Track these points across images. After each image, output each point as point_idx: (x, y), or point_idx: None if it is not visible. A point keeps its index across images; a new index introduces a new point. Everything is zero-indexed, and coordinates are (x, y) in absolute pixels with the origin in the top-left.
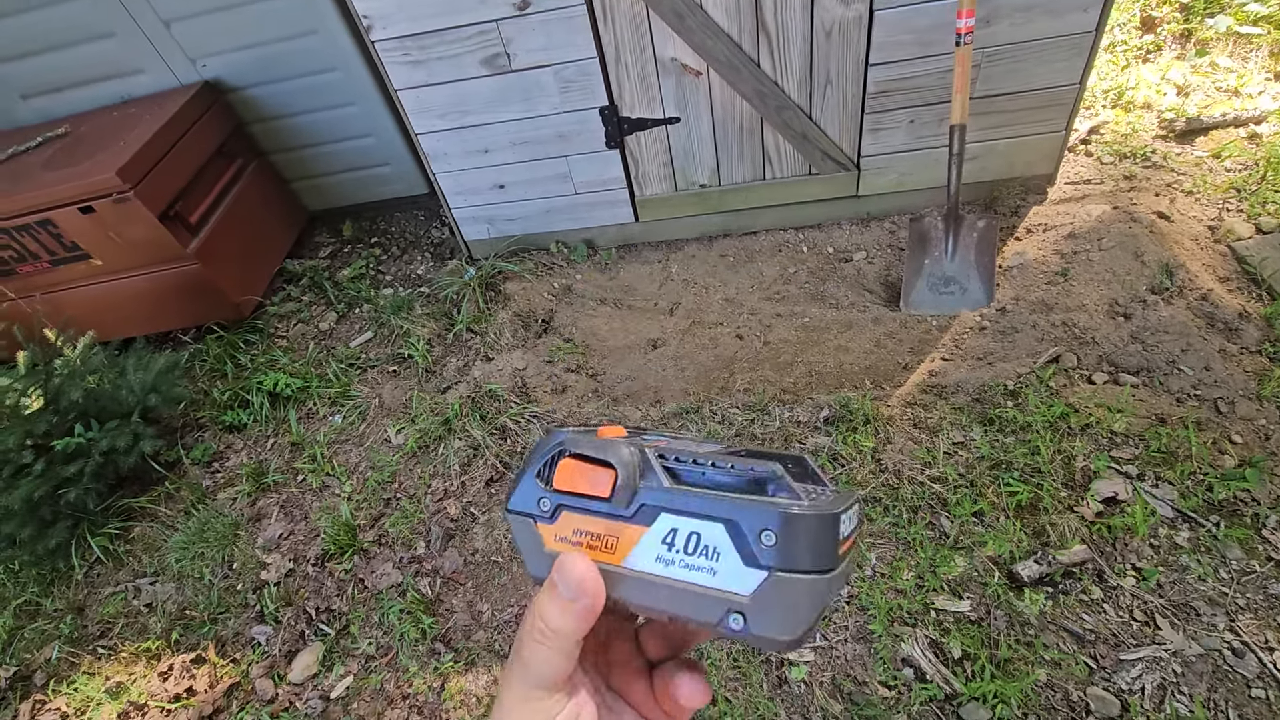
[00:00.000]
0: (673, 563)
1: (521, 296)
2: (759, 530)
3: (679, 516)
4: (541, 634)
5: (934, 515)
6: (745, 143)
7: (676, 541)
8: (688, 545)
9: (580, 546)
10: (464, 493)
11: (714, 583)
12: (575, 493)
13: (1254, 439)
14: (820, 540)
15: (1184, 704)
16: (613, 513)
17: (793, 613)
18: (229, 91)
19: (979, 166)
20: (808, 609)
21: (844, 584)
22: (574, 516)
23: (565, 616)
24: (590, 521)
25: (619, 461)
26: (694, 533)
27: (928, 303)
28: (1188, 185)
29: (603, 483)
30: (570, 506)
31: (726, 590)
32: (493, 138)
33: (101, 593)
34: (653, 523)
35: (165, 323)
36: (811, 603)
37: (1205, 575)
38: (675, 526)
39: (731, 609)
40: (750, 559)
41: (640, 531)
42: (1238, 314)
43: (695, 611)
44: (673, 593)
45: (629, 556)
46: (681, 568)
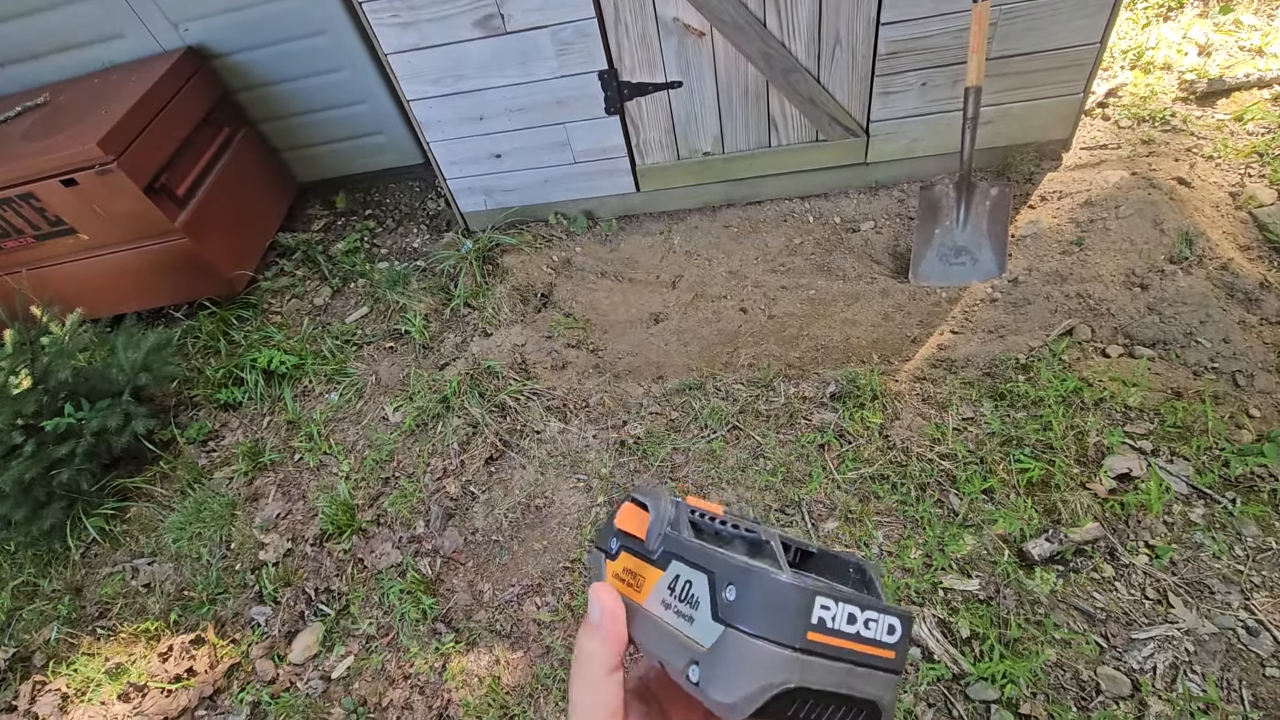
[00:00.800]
0: (670, 606)
1: (520, 270)
2: (726, 584)
3: (683, 564)
4: (575, 663)
5: (943, 493)
6: (750, 108)
7: (677, 586)
8: (682, 591)
9: (624, 584)
10: (463, 471)
11: (689, 630)
12: (626, 532)
13: (1273, 413)
14: (780, 609)
15: (1196, 683)
16: (645, 554)
17: (737, 676)
18: (213, 57)
19: (992, 131)
20: (752, 678)
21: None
22: (627, 556)
23: (591, 640)
24: (633, 561)
25: (654, 507)
26: (688, 580)
27: (937, 274)
28: (1208, 150)
29: (641, 525)
30: (627, 547)
31: (695, 639)
32: (488, 104)
33: (99, 573)
34: (666, 567)
35: (155, 299)
36: (757, 672)
37: (1220, 553)
38: (679, 573)
39: (693, 659)
40: (716, 613)
41: (657, 574)
42: (1258, 283)
43: (671, 656)
44: (661, 635)
45: (648, 597)
46: (673, 613)
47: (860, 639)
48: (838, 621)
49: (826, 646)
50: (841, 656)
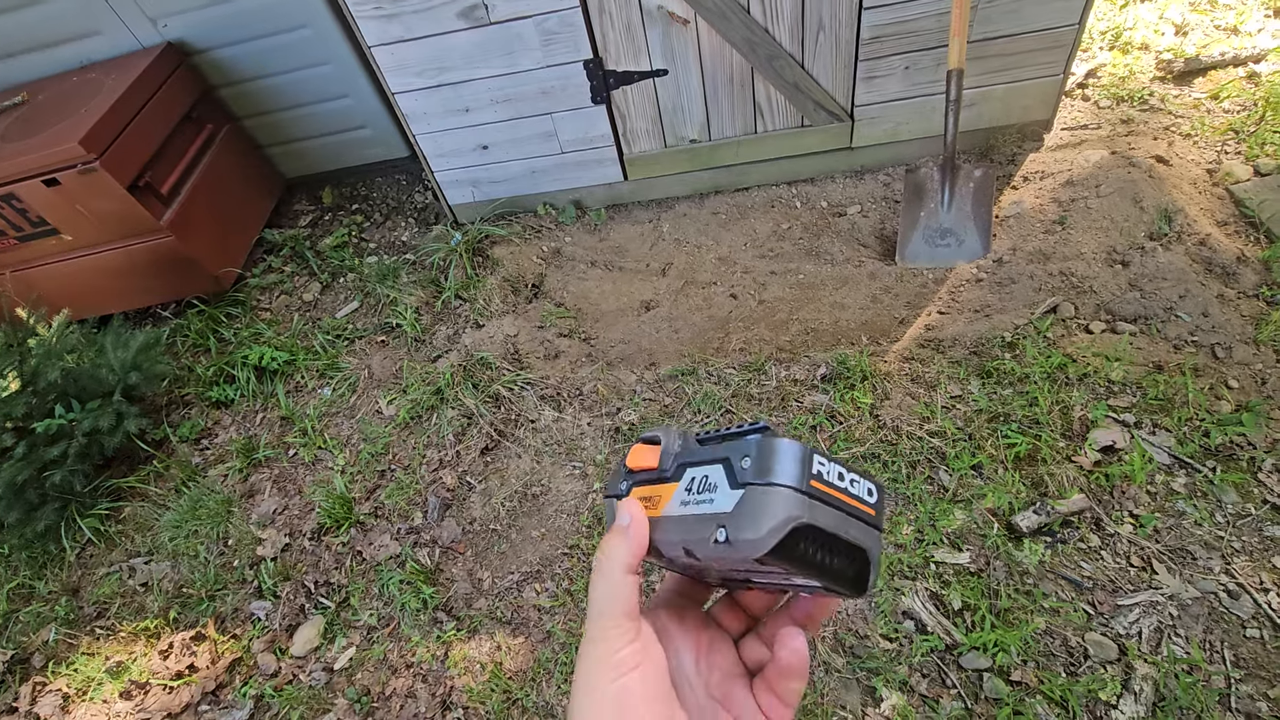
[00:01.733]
0: (689, 503)
1: (510, 261)
2: (741, 458)
3: (696, 467)
4: (597, 564)
5: (933, 469)
6: (736, 95)
7: (694, 486)
8: (699, 486)
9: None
10: (459, 462)
11: (711, 509)
12: (638, 469)
13: (1251, 383)
14: (787, 461)
15: (1181, 646)
16: (659, 477)
17: (760, 518)
18: (194, 53)
19: (975, 114)
20: (772, 515)
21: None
22: (639, 488)
23: (620, 541)
24: (646, 489)
25: (665, 437)
26: (704, 475)
27: (924, 255)
28: (1186, 128)
29: (653, 457)
30: (638, 481)
31: (718, 511)
32: (474, 96)
33: (95, 574)
34: (680, 477)
35: (142, 298)
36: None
37: (1201, 520)
38: (694, 475)
39: (719, 524)
40: (734, 483)
41: (673, 487)
42: (1236, 258)
43: (696, 535)
44: (685, 524)
45: (665, 507)
46: (694, 505)
47: (848, 494)
48: (830, 476)
49: (825, 494)
50: (836, 505)
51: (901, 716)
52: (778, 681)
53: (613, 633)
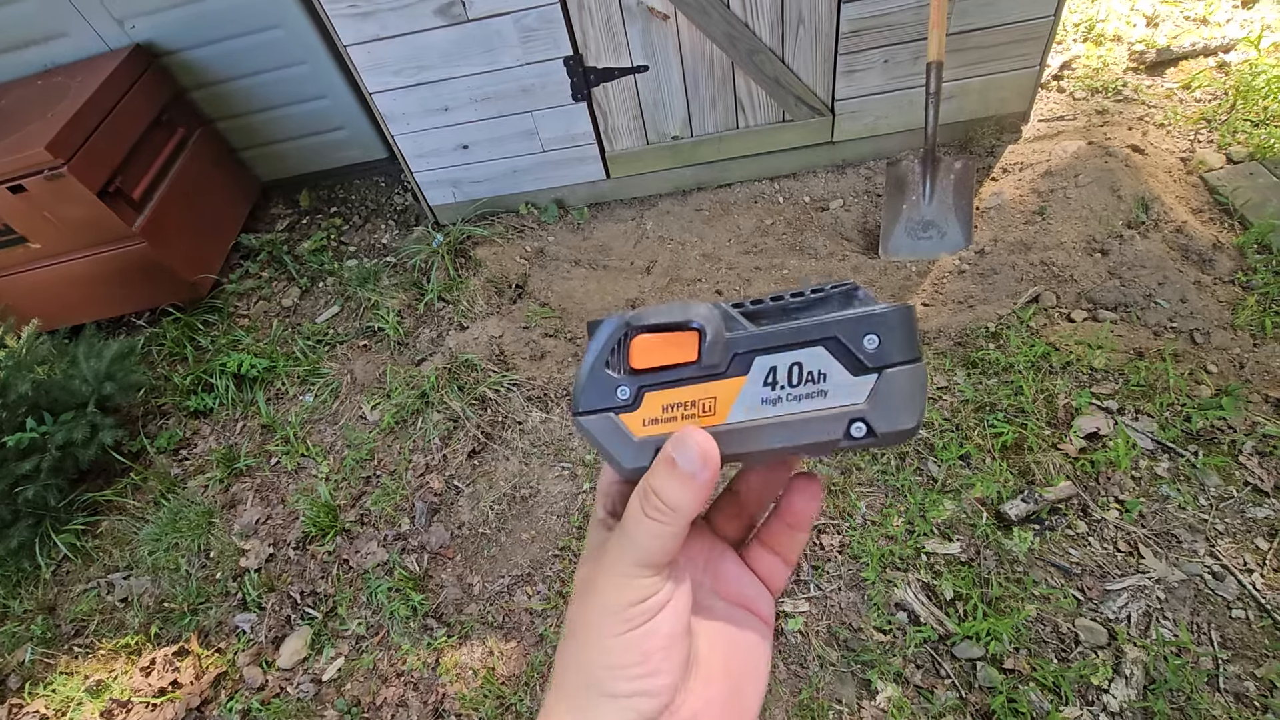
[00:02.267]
0: (780, 400)
1: (493, 261)
2: (861, 337)
3: (776, 354)
4: (659, 510)
5: (921, 461)
6: (717, 90)
7: (779, 378)
8: (791, 377)
9: (678, 420)
10: (446, 466)
11: (827, 403)
12: (660, 367)
13: (1229, 367)
14: (912, 331)
15: (1169, 628)
16: (705, 373)
17: (909, 401)
18: (164, 55)
19: (954, 106)
20: (920, 395)
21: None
22: (661, 394)
23: (685, 491)
24: (681, 392)
25: (702, 319)
26: (795, 364)
27: (906, 248)
28: (1159, 118)
29: (688, 346)
30: (655, 384)
31: (842, 404)
32: (452, 94)
33: (72, 591)
34: (749, 369)
35: (116, 307)
36: (920, 388)
37: (1185, 503)
38: (774, 364)
39: (852, 419)
40: (858, 368)
41: (739, 383)
42: (1211, 244)
43: (814, 435)
44: (787, 428)
45: (732, 411)
46: (791, 401)
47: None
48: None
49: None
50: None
51: (897, 708)
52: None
53: (647, 581)
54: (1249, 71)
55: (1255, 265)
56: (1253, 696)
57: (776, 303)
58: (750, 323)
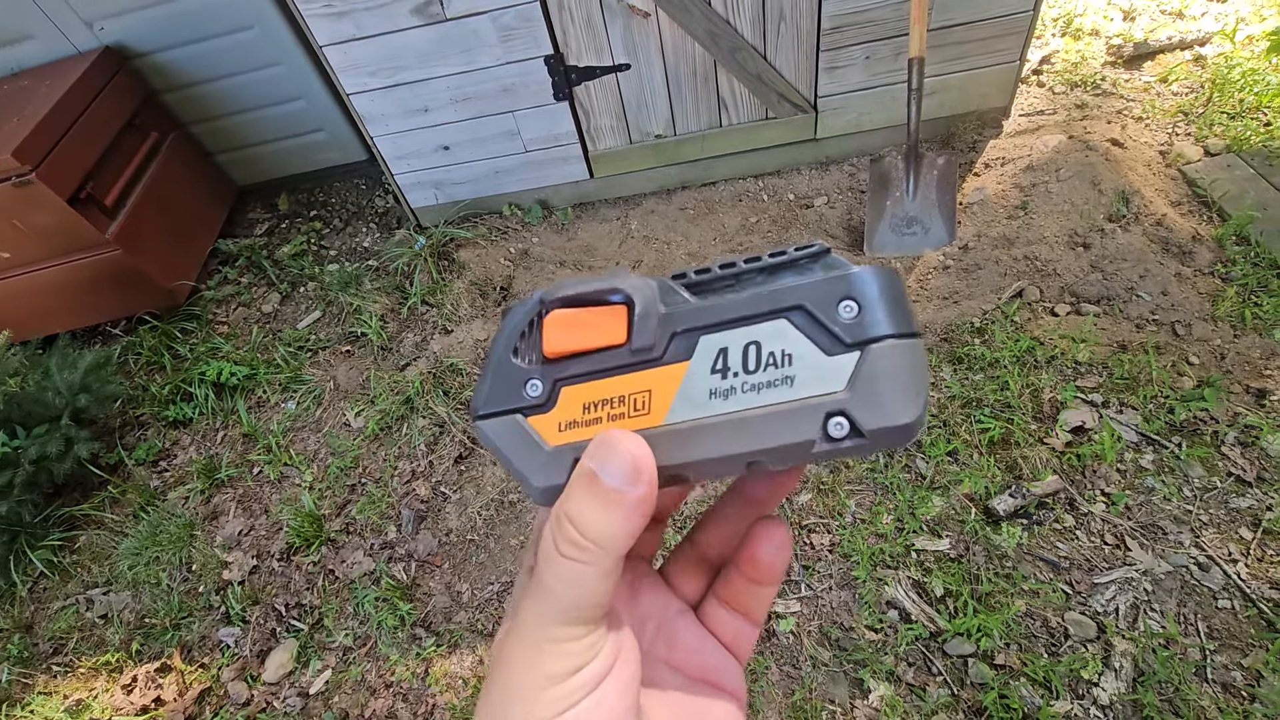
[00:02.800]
0: (734, 390)
1: (477, 264)
2: (835, 304)
3: (725, 331)
4: (576, 544)
5: (910, 458)
6: (699, 88)
7: (731, 362)
8: (747, 361)
9: (602, 422)
10: (432, 473)
11: (795, 393)
12: (578, 352)
13: (1210, 359)
14: (899, 295)
15: (1156, 620)
16: (637, 360)
17: (906, 387)
18: (135, 57)
19: (935, 102)
20: (919, 379)
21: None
22: (580, 388)
23: (611, 513)
24: (606, 385)
25: (631, 289)
26: (751, 343)
27: (891, 245)
28: (1137, 111)
29: (613, 325)
30: (572, 377)
31: (814, 394)
32: (432, 95)
33: (50, 608)
34: (692, 353)
35: (90, 316)
36: (919, 370)
37: (1170, 495)
38: (724, 345)
39: (829, 413)
40: (833, 344)
41: (680, 370)
42: (1191, 237)
43: (782, 436)
44: (744, 428)
45: (672, 409)
46: (748, 392)
47: None
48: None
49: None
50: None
51: (890, 707)
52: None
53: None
54: (1224, 64)
55: (1234, 257)
56: (1240, 686)
57: (727, 270)
58: (693, 295)
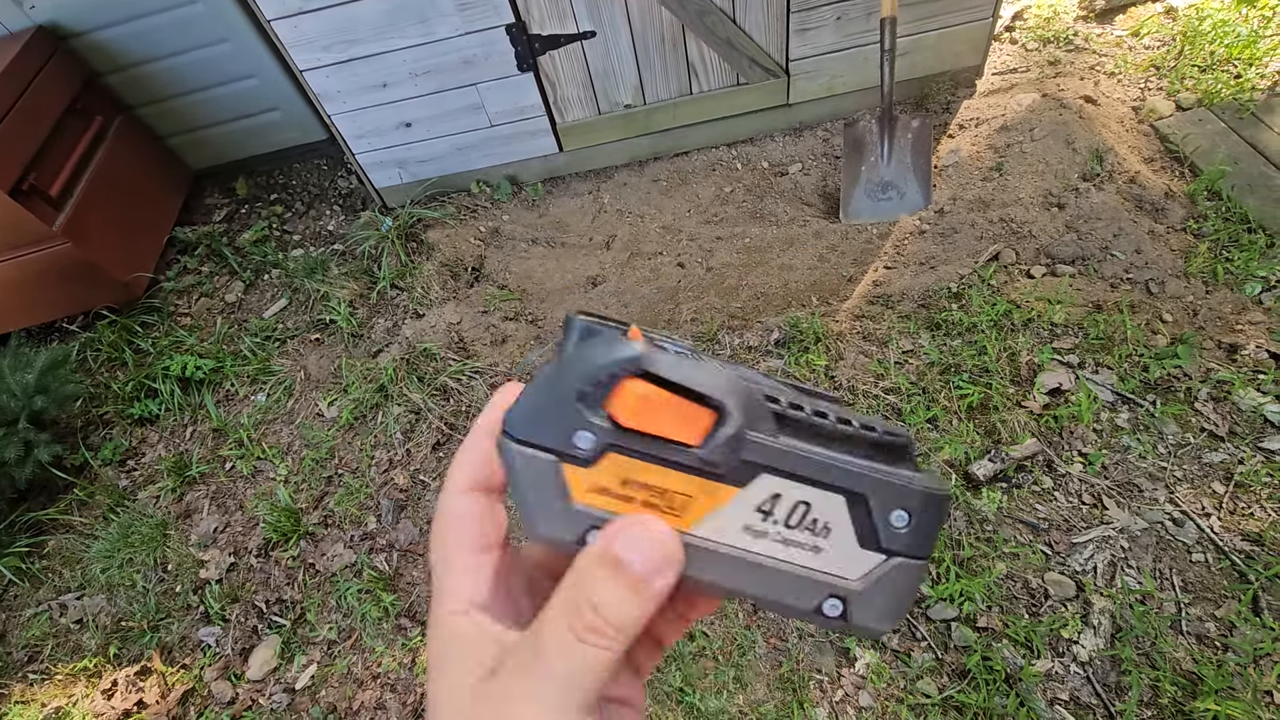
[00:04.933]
0: (766, 535)
1: (446, 244)
2: (891, 509)
3: (787, 480)
4: (595, 630)
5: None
6: (668, 55)
7: (777, 511)
8: (791, 517)
9: (634, 503)
10: (410, 460)
11: (816, 563)
12: (650, 434)
13: (1183, 316)
14: (941, 524)
15: (1133, 576)
16: (697, 466)
17: (899, 602)
18: (71, 36)
19: (908, 63)
20: (910, 599)
21: None
22: (628, 462)
23: (636, 603)
24: (654, 472)
25: (728, 400)
26: (802, 502)
27: (867, 210)
28: (1110, 66)
29: (695, 425)
30: (628, 449)
31: (830, 573)
32: (390, 69)
33: (21, 615)
34: (749, 483)
35: (42, 313)
36: (914, 592)
37: (1145, 453)
38: (778, 491)
39: (833, 594)
40: (869, 540)
41: (730, 493)
42: (1164, 193)
43: (783, 594)
44: (756, 572)
45: (703, 522)
46: (776, 542)
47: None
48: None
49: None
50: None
51: (876, 674)
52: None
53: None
54: (1195, 16)
55: (1206, 212)
56: (1214, 637)
57: (818, 417)
58: (777, 427)
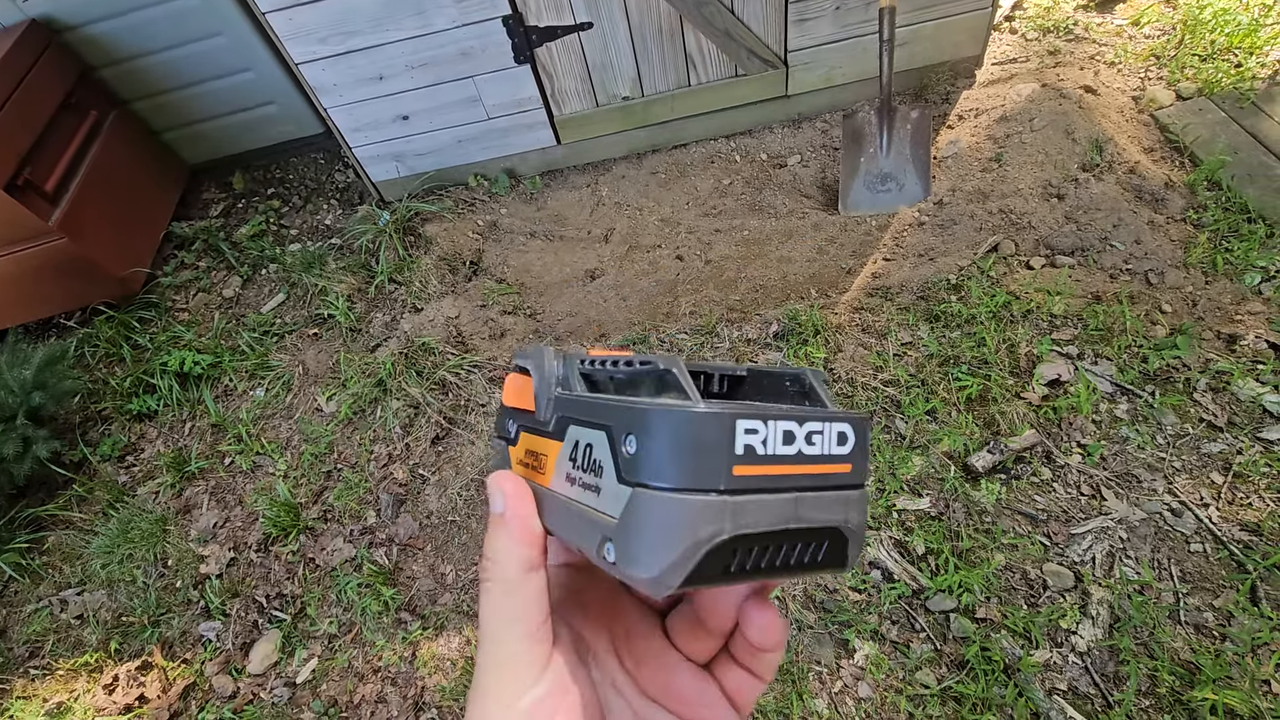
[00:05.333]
0: (575, 480)
1: (444, 238)
2: (623, 435)
3: (580, 426)
4: (486, 572)
5: (889, 419)
6: (666, 46)
7: (578, 455)
8: (584, 459)
9: (525, 468)
10: (409, 455)
11: (597, 503)
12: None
13: (1183, 306)
14: (693, 449)
15: (1131, 567)
16: (538, 427)
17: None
18: (64, 30)
19: (907, 53)
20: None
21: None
22: (525, 436)
23: (499, 536)
24: (529, 440)
25: (535, 368)
26: (588, 444)
27: (865, 202)
28: (1110, 56)
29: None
30: (524, 425)
31: (604, 511)
32: (386, 61)
33: (22, 611)
34: (564, 435)
35: (39, 309)
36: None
37: (1144, 444)
38: (577, 438)
39: (605, 536)
40: (620, 473)
41: (556, 447)
42: (1163, 184)
43: (584, 538)
44: (570, 517)
45: (552, 477)
46: (579, 486)
47: (803, 458)
48: (771, 445)
49: (761, 479)
50: (782, 485)
51: (874, 665)
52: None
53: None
54: (1196, 5)
55: (1205, 202)
56: (1211, 626)
57: (613, 368)
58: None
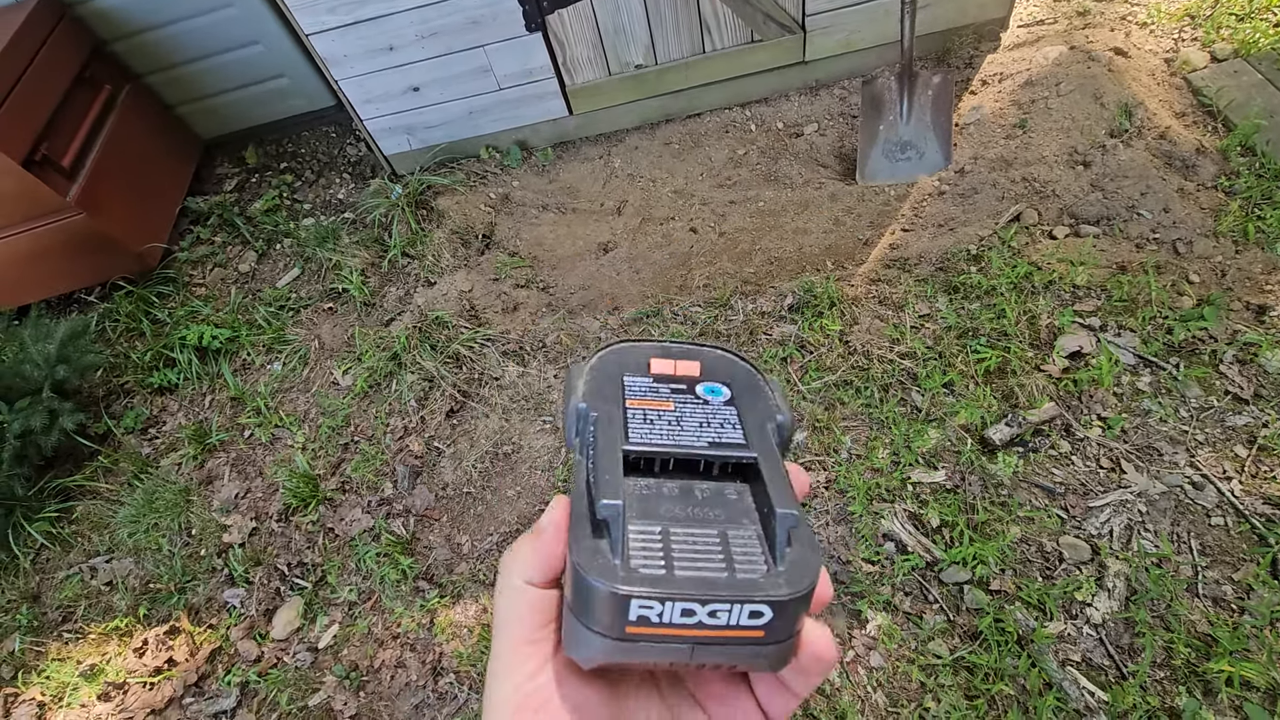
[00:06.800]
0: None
1: (457, 211)
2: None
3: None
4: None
5: (905, 391)
6: (680, 11)
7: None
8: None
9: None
10: (425, 428)
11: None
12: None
13: (1211, 276)
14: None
15: (1150, 540)
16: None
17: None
18: (76, 3)
19: (930, 16)
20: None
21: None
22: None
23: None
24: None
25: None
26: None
27: (884, 171)
28: (1142, 16)
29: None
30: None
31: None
32: (396, 31)
33: (55, 577)
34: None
35: (60, 284)
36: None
37: (1166, 416)
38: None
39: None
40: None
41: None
42: (1195, 150)
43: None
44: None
45: None
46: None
47: (704, 626)
48: (668, 616)
49: (654, 636)
50: (679, 641)
51: (887, 635)
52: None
53: (511, 661)
54: None
55: (1238, 169)
56: (1230, 600)
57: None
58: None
